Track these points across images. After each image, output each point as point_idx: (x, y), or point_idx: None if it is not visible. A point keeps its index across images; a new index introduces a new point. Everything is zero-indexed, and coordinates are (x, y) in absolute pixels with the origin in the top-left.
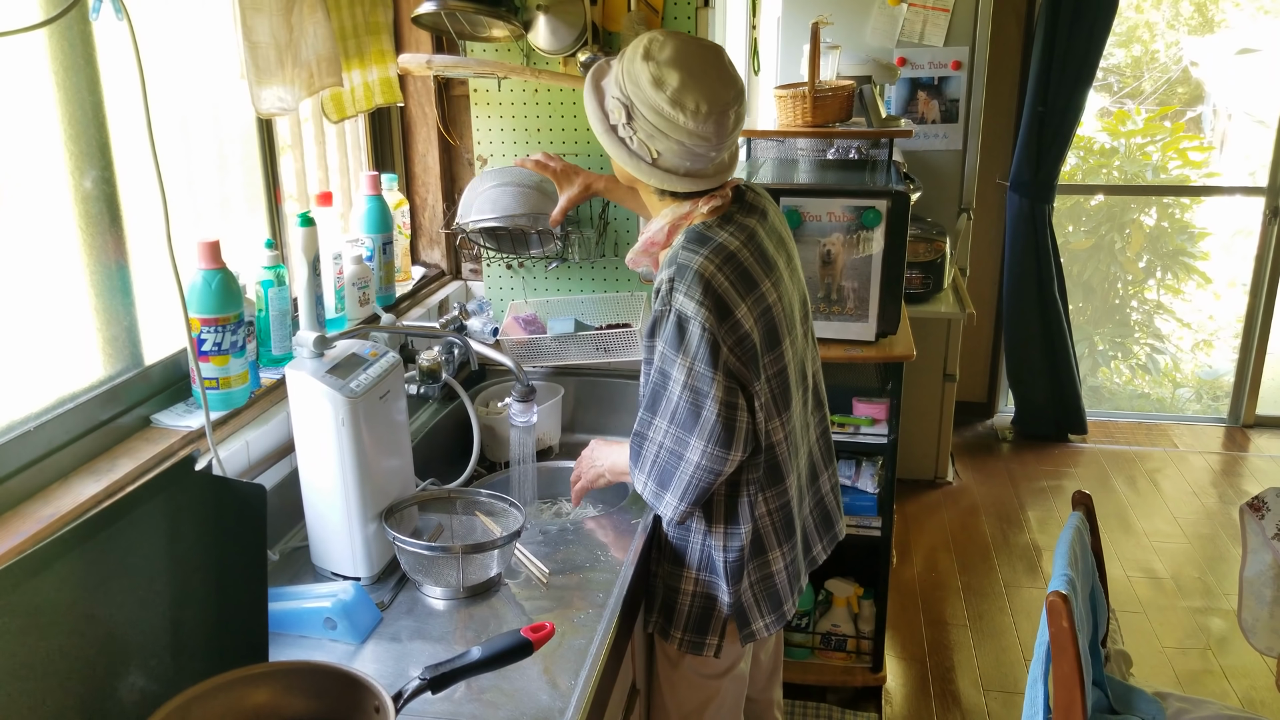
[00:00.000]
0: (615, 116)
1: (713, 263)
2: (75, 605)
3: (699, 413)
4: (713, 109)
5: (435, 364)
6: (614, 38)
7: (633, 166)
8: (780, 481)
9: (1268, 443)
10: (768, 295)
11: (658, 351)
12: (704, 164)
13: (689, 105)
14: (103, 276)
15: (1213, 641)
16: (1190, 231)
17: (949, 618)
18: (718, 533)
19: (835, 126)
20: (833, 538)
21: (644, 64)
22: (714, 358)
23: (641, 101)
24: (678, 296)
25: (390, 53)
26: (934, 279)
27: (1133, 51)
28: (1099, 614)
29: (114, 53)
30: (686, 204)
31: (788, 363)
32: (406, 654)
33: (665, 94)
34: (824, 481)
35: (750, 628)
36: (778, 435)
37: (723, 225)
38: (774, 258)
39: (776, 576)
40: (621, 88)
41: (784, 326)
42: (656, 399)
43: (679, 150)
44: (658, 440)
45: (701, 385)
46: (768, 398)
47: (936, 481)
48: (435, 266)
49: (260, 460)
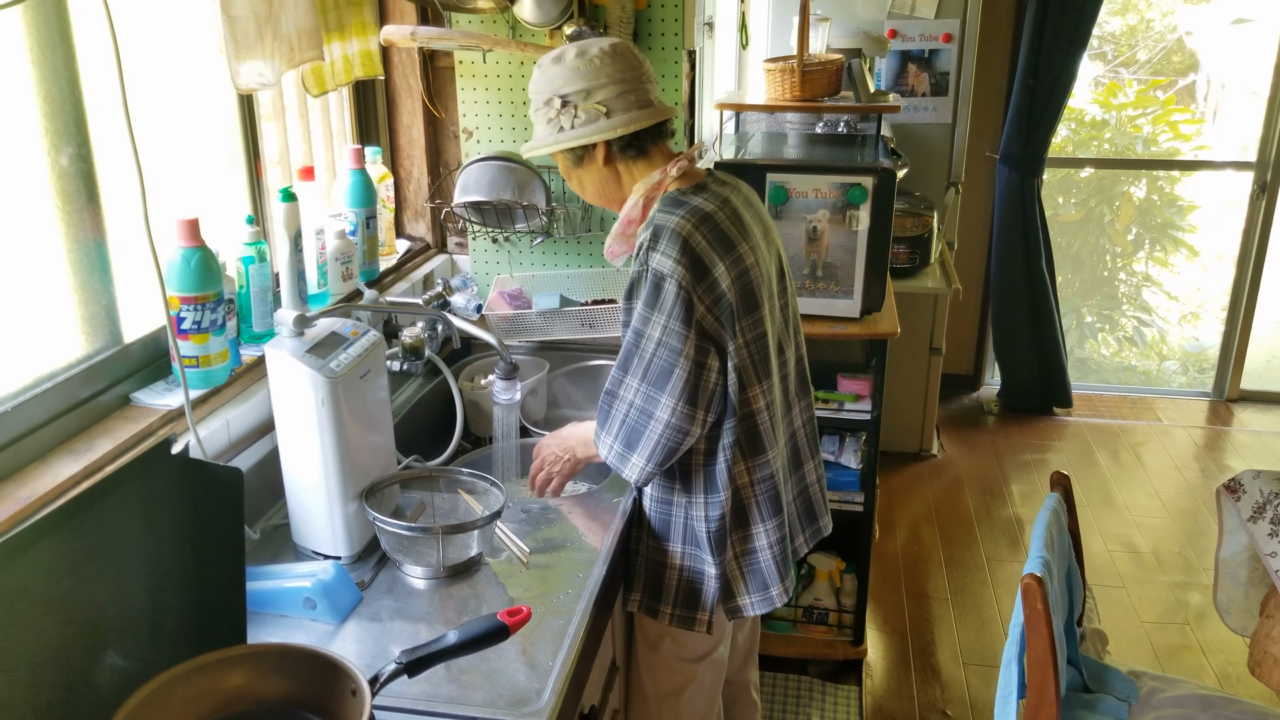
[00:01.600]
0: (554, 115)
1: (689, 222)
2: (53, 589)
3: (671, 370)
4: (615, 47)
5: (418, 340)
6: (600, 11)
7: (596, 136)
8: (763, 452)
9: (1251, 417)
10: (745, 258)
11: (635, 312)
12: (645, 96)
13: (594, 51)
14: (81, 254)
15: (1191, 617)
16: (1179, 204)
17: (930, 591)
18: (698, 502)
19: (823, 101)
20: (815, 531)
21: (546, 68)
22: (688, 315)
23: (562, 83)
24: (655, 255)
25: (372, 25)
26: (921, 253)
27: (1128, 20)
28: (1074, 594)
29: (90, 28)
30: (655, 174)
31: (766, 329)
32: (387, 634)
33: (571, 61)
34: (809, 470)
35: (734, 601)
36: (758, 403)
37: (696, 192)
38: (750, 225)
39: (760, 554)
40: (542, 98)
41: (762, 292)
42: (629, 358)
43: (616, 91)
44: (628, 399)
45: (675, 342)
46: (746, 361)
47: (921, 454)
48: (420, 240)
49: (241, 439)
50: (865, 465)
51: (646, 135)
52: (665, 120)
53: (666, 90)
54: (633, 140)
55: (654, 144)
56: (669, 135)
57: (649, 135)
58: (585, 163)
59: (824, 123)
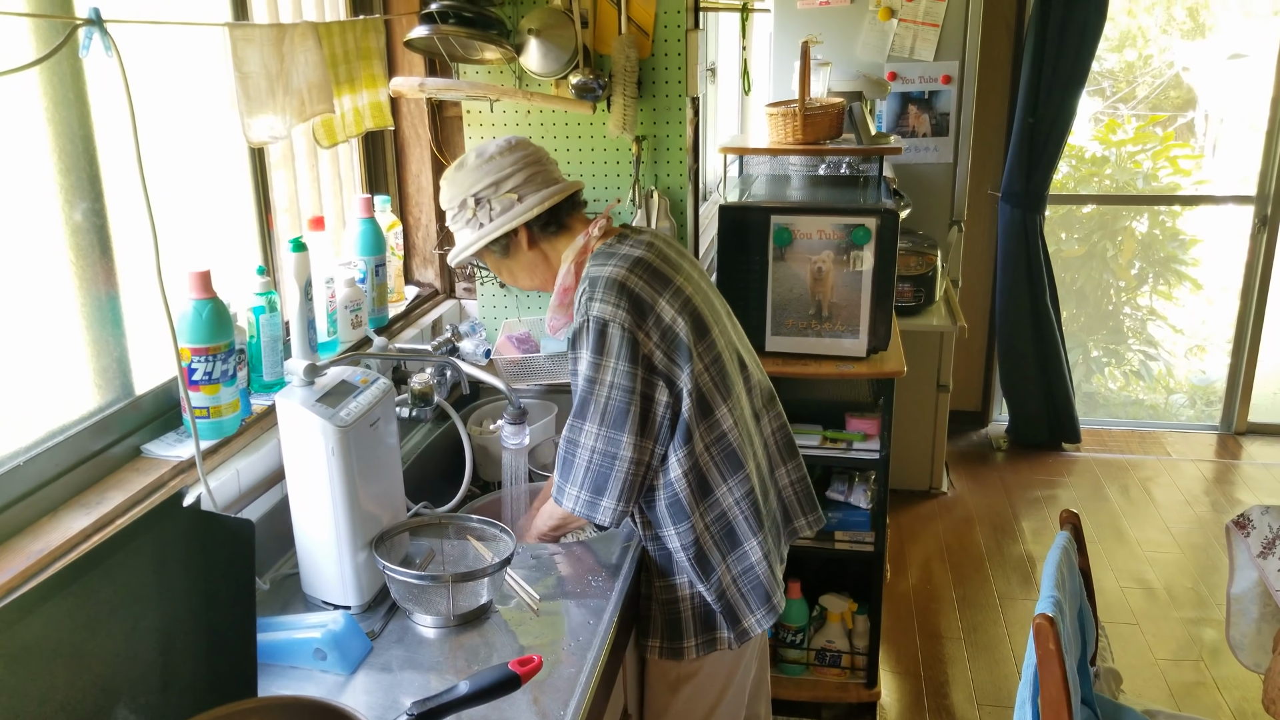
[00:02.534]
0: (470, 215)
1: (622, 268)
2: (64, 644)
3: (627, 410)
4: (509, 141)
5: (427, 387)
6: (605, 60)
7: (516, 220)
8: (740, 468)
9: (1259, 450)
10: (684, 289)
11: (583, 360)
12: (550, 176)
13: (492, 149)
14: (94, 308)
15: (1205, 653)
16: (1181, 238)
17: (943, 631)
18: (669, 534)
19: (826, 143)
20: (792, 532)
21: (452, 177)
22: (634, 354)
23: (471, 184)
24: (594, 304)
25: (382, 77)
26: (926, 291)
27: (1125, 56)
28: (1087, 633)
29: (104, 86)
30: (579, 238)
31: (721, 350)
32: (397, 684)
33: (473, 163)
34: (781, 475)
35: (742, 624)
36: (727, 422)
37: (620, 242)
38: (678, 261)
39: (757, 567)
40: (456, 203)
41: (708, 318)
42: (585, 405)
43: (524, 175)
44: (589, 445)
45: (626, 382)
46: (708, 384)
47: (931, 492)
48: (429, 286)
49: (251, 489)
50: (875, 505)
51: (563, 209)
52: (576, 192)
53: (671, 135)
54: (550, 217)
55: (571, 216)
56: (583, 206)
57: (565, 209)
58: (512, 251)
59: (826, 165)
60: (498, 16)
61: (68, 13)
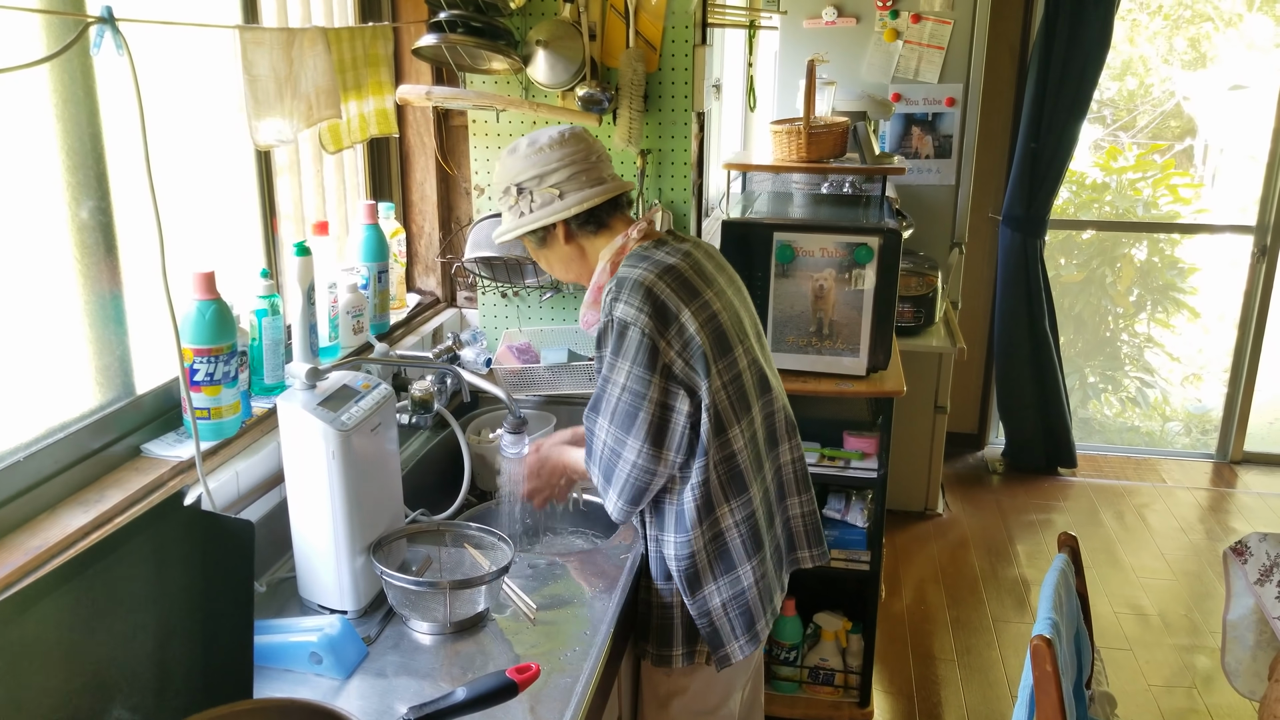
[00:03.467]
0: (513, 203)
1: (652, 273)
2: (61, 641)
3: (635, 414)
4: (564, 133)
5: (428, 394)
6: (612, 73)
7: (553, 217)
8: (744, 490)
9: (1255, 479)
10: (711, 304)
11: (603, 359)
12: (597, 175)
13: (544, 140)
14: (97, 306)
15: (1199, 680)
16: (1180, 266)
17: (937, 652)
18: (668, 540)
19: (829, 162)
20: (793, 561)
21: (504, 160)
22: (652, 361)
23: (517, 172)
24: (619, 305)
25: (389, 84)
26: (926, 312)
27: (1127, 85)
28: (1083, 656)
29: (114, 85)
30: (618, 238)
31: (743, 370)
32: (392, 690)
33: (524, 151)
34: (793, 504)
35: (724, 649)
36: (738, 443)
37: (657, 247)
38: (713, 274)
39: (748, 592)
40: (501, 188)
41: (733, 335)
42: (599, 401)
43: (569, 172)
44: (601, 438)
45: (639, 387)
46: (724, 402)
47: (926, 513)
48: (430, 294)
49: (250, 491)
50: (872, 524)
51: (603, 210)
52: (621, 194)
53: (676, 149)
54: (590, 217)
55: (612, 216)
56: (627, 206)
57: (606, 209)
58: (549, 243)
59: (829, 183)
60: (506, 27)
61: (80, 10)
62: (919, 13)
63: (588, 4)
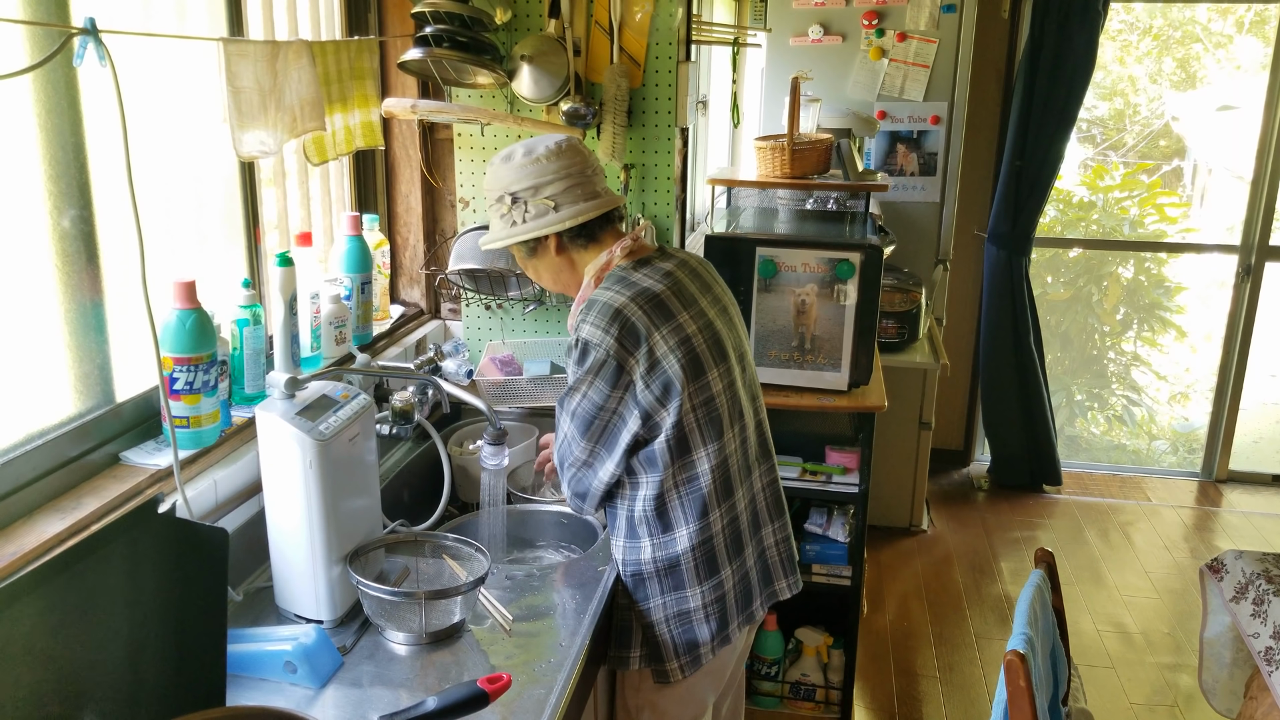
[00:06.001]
0: (505, 211)
1: (623, 295)
2: (33, 646)
3: (591, 420)
4: (560, 144)
5: (409, 405)
6: (596, 89)
7: (545, 229)
8: (703, 516)
9: (1239, 498)
10: (685, 326)
11: (570, 369)
12: (592, 189)
13: (540, 150)
14: (78, 314)
15: (1180, 699)
16: (1167, 285)
17: (919, 668)
18: (619, 545)
19: (813, 178)
20: (771, 594)
21: (497, 167)
22: (615, 379)
23: (511, 182)
24: (584, 327)
25: (374, 97)
26: (910, 328)
27: (1115, 104)
28: (1059, 673)
29: (97, 95)
30: (603, 255)
31: (717, 393)
32: (366, 700)
33: (519, 160)
34: (767, 534)
35: (664, 665)
36: (703, 465)
37: (638, 268)
38: (694, 295)
39: (693, 615)
40: (494, 195)
41: (709, 358)
42: (562, 403)
43: (564, 185)
44: (563, 430)
45: (597, 398)
46: (693, 424)
47: (911, 529)
48: (414, 306)
49: (228, 499)
50: (853, 539)
51: (595, 223)
52: (613, 209)
53: (660, 164)
54: (581, 230)
55: (603, 230)
56: (618, 220)
57: (598, 223)
58: (539, 253)
59: (814, 199)
60: (491, 42)
61: (64, 21)
62: (904, 31)
63: (572, 20)
